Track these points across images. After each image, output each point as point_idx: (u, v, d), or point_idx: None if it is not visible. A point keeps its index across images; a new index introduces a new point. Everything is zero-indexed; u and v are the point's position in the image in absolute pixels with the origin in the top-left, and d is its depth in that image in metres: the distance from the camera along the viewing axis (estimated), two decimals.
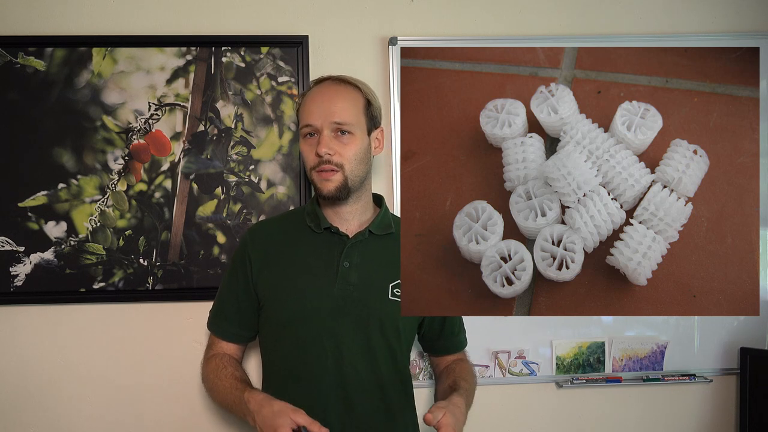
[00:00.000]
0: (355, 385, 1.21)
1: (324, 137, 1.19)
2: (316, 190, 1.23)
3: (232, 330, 1.31)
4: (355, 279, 1.22)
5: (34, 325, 1.56)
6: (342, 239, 1.25)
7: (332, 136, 1.20)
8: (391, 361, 1.25)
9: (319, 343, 1.21)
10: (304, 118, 1.22)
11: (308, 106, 1.23)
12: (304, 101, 1.25)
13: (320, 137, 1.20)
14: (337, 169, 1.20)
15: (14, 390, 1.56)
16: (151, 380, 1.58)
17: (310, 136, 1.22)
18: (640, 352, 1.65)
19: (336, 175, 1.20)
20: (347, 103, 1.21)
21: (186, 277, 1.56)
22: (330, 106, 1.20)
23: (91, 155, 1.55)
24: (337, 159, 1.20)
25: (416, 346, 1.43)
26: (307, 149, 1.23)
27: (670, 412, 1.69)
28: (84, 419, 1.57)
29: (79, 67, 1.54)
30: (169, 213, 1.56)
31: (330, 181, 1.20)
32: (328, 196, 1.21)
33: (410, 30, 1.62)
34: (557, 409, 1.67)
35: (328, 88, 1.24)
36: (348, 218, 1.27)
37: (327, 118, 1.19)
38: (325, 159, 1.19)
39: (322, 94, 1.23)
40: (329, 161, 1.19)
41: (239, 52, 1.57)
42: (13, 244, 1.53)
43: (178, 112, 1.56)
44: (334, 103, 1.21)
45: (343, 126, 1.20)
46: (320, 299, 1.21)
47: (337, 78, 1.26)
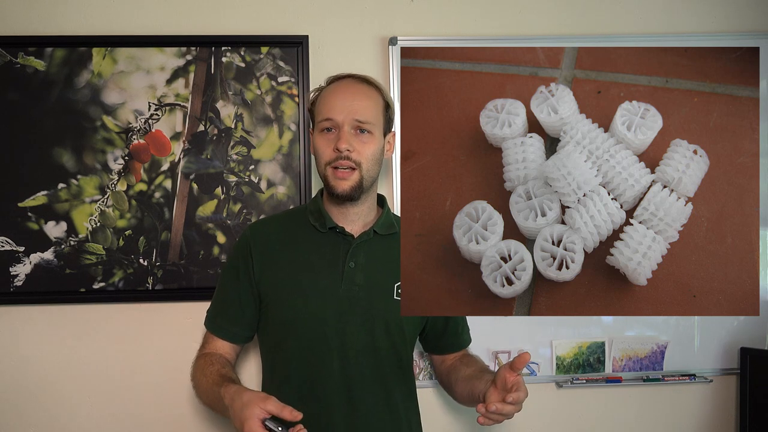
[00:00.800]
0: (360, 385, 1.21)
1: (344, 133, 1.19)
2: (329, 188, 1.21)
3: (231, 329, 1.29)
4: (361, 279, 1.22)
5: (34, 325, 1.56)
6: (347, 239, 1.25)
7: (352, 133, 1.20)
8: (396, 361, 1.25)
9: (324, 344, 1.21)
10: (325, 112, 1.21)
11: (329, 100, 1.21)
12: (324, 96, 1.24)
13: (340, 132, 1.19)
14: (355, 168, 1.19)
15: (14, 390, 1.56)
16: (150, 380, 1.58)
17: (327, 131, 1.21)
18: (640, 352, 1.65)
19: (353, 175, 1.20)
20: (370, 102, 1.21)
21: (186, 277, 1.56)
22: (353, 103, 1.20)
23: (91, 155, 1.55)
24: (355, 156, 1.19)
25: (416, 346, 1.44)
26: (323, 143, 1.21)
27: (670, 412, 1.69)
28: (84, 419, 1.57)
29: (79, 67, 1.54)
30: (169, 213, 1.56)
31: (346, 180, 1.20)
32: (342, 195, 1.20)
33: (410, 30, 1.62)
34: (557, 409, 1.67)
35: (351, 86, 1.23)
36: (354, 218, 1.26)
37: (349, 114, 1.19)
38: (344, 155, 1.18)
39: (345, 91, 1.22)
40: (348, 158, 1.18)
41: (239, 52, 1.57)
42: (13, 244, 1.53)
43: (178, 112, 1.56)
44: (357, 100, 1.20)
45: (363, 125, 1.20)
46: (325, 299, 1.21)
47: (360, 77, 1.26)
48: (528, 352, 1.03)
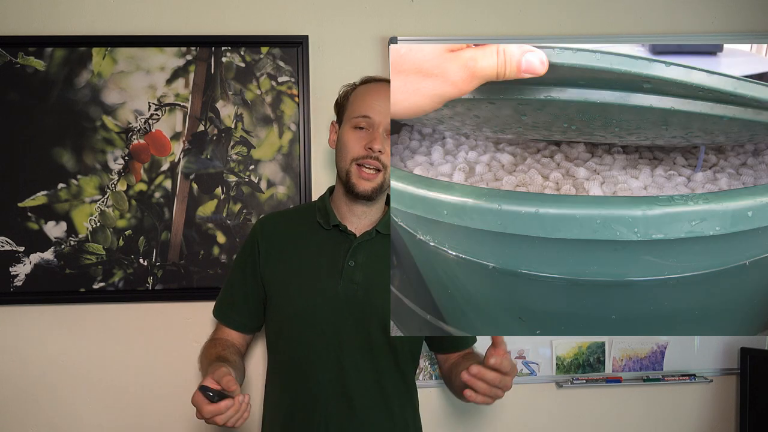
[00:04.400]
0: (356, 383, 1.22)
1: (379, 134, 1.20)
2: (349, 185, 1.22)
3: (238, 318, 1.31)
4: (360, 278, 1.23)
5: (34, 325, 1.56)
6: (349, 238, 1.25)
7: (384, 136, 1.21)
8: (393, 360, 1.25)
9: (321, 340, 1.22)
10: (362, 109, 1.22)
11: (368, 99, 1.22)
12: (362, 93, 1.24)
13: (374, 132, 1.20)
14: (381, 170, 1.21)
15: (14, 390, 1.56)
16: (150, 380, 1.58)
17: (359, 129, 1.22)
18: (640, 352, 1.65)
19: (378, 177, 1.21)
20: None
21: (186, 277, 1.56)
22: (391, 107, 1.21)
23: (91, 155, 1.55)
24: (384, 159, 1.21)
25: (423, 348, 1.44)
26: (354, 139, 1.22)
27: (670, 412, 1.69)
28: (84, 419, 1.57)
29: (79, 67, 1.54)
30: (169, 213, 1.56)
31: (370, 182, 1.21)
32: (362, 194, 1.21)
33: (410, 30, 1.62)
34: (557, 409, 1.67)
35: (389, 91, 1.25)
36: (361, 217, 1.27)
37: (386, 117, 1.20)
38: (375, 155, 1.20)
39: (385, 93, 1.23)
40: (377, 159, 1.20)
41: (239, 52, 1.57)
42: (13, 244, 1.53)
43: (178, 112, 1.56)
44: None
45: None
46: (323, 296, 1.22)
47: None
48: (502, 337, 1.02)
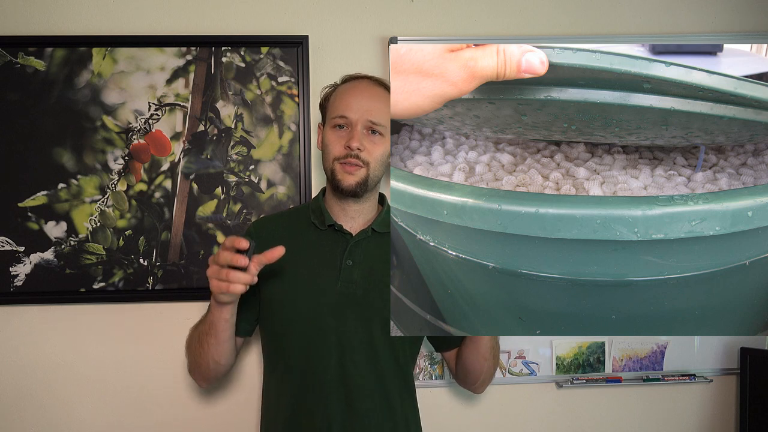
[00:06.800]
0: (357, 383, 1.21)
1: (357, 132, 1.21)
2: (335, 182, 1.23)
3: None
4: (358, 277, 1.23)
5: (34, 325, 1.56)
6: (345, 237, 1.26)
7: (364, 133, 1.22)
8: (393, 359, 1.25)
9: (321, 341, 1.21)
10: (340, 110, 1.23)
11: (345, 98, 1.24)
12: (340, 93, 1.26)
13: (353, 131, 1.22)
14: (363, 165, 1.22)
15: (14, 390, 1.56)
16: (150, 380, 1.58)
17: (339, 128, 1.24)
18: (640, 352, 1.66)
19: (360, 171, 1.22)
20: (383, 104, 1.24)
21: (186, 277, 1.56)
22: (369, 104, 1.22)
23: (91, 155, 1.55)
24: (365, 156, 1.21)
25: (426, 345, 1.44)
26: (334, 139, 1.24)
27: (670, 412, 1.69)
28: (83, 419, 1.57)
29: (79, 67, 1.54)
30: (169, 213, 1.56)
31: (353, 176, 1.22)
32: (347, 189, 1.22)
33: (410, 30, 1.62)
34: (557, 409, 1.67)
35: (368, 87, 1.26)
36: (354, 216, 1.28)
37: (364, 114, 1.21)
38: (354, 153, 1.21)
39: (361, 91, 1.24)
40: (357, 156, 1.21)
41: (239, 52, 1.57)
42: (13, 244, 1.53)
43: (178, 112, 1.56)
44: (373, 102, 1.23)
45: (376, 126, 1.22)
46: (323, 297, 1.22)
47: (376, 79, 1.29)
48: None
